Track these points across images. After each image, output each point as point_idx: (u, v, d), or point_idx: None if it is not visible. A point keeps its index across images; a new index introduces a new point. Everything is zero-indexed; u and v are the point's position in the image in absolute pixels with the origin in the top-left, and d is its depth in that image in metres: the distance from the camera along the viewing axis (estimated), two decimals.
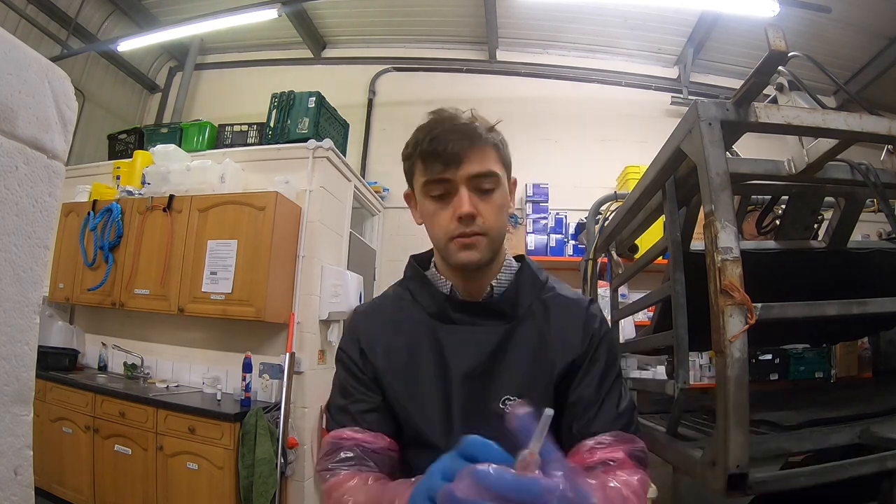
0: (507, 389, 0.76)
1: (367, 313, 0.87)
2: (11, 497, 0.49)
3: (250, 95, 4.39)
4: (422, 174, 0.77)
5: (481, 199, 0.76)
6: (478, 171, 0.75)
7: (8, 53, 0.51)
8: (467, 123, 0.76)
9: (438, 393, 0.77)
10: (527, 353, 0.78)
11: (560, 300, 0.84)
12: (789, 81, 1.19)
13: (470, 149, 0.74)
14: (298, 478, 2.76)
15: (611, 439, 0.73)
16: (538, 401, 0.71)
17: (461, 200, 0.74)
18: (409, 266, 0.90)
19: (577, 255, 3.43)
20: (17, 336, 0.51)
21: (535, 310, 0.82)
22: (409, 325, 0.82)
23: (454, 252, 0.77)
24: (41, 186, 0.54)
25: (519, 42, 4.45)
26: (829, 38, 3.59)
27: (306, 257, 2.99)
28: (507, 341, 0.79)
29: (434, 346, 0.79)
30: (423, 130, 0.77)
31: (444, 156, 0.73)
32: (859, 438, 1.06)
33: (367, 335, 0.83)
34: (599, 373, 0.79)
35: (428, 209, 0.78)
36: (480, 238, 0.76)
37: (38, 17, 3.78)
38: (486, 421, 0.73)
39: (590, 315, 0.83)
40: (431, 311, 0.82)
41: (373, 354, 0.81)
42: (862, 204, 1.45)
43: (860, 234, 2.95)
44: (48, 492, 2.75)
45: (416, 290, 0.85)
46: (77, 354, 3.28)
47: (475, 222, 0.75)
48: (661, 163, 1.26)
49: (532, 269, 0.87)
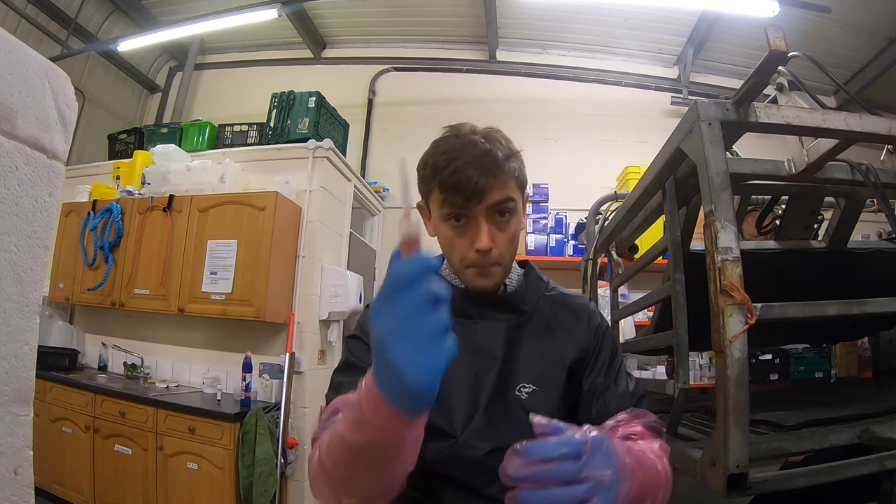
0: (523, 377, 0.80)
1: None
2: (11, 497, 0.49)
3: (250, 95, 4.39)
4: (440, 202, 0.79)
5: (498, 228, 0.78)
6: (497, 200, 0.76)
7: (8, 53, 0.51)
8: (488, 152, 0.76)
9: (464, 382, 0.79)
10: (538, 343, 0.83)
11: (563, 298, 0.91)
12: (789, 81, 1.19)
13: (493, 184, 0.75)
14: (298, 478, 2.76)
15: (627, 416, 0.79)
16: (551, 387, 0.82)
17: (480, 235, 0.76)
18: None
19: (577, 255, 3.43)
20: (17, 336, 0.51)
21: (541, 305, 0.87)
22: None
23: (469, 278, 0.81)
24: (41, 186, 0.54)
25: (519, 42, 4.45)
26: (829, 38, 3.59)
27: (306, 257, 2.99)
28: (521, 332, 0.83)
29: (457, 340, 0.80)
30: (444, 157, 0.76)
31: (465, 190, 0.74)
32: (859, 438, 1.06)
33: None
34: (606, 361, 0.85)
35: (445, 234, 0.81)
36: (495, 267, 0.80)
37: (38, 17, 3.78)
38: (507, 408, 0.78)
39: (592, 312, 0.90)
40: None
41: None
42: (862, 204, 1.45)
43: (860, 234, 2.95)
44: (48, 492, 2.75)
45: None
46: (77, 354, 3.27)
47: (490, 254, 0.78)
48: (661, 163, 1.26)
49: (536, 271, 0.93)
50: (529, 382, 0.80)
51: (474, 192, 0.74)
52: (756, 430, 1.14)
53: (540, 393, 0.80)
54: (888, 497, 1.03)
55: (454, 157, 0.75)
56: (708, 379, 3.06)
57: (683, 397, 1.16)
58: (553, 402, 0.80)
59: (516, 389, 0.80)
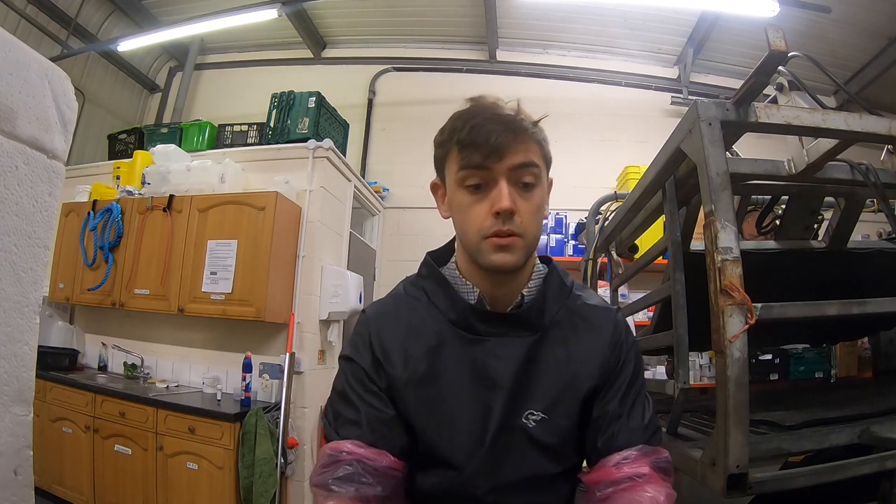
0: (533, 403, 0.74)
1: (380, 315, 0.79)
2: (11, 497, 0.49)
3: (250, 95, 4.39)
4: (457, 162, 0.71)
5: (521, 195, 0.70)
6: (521, 162, 0.69)
7: (8, 53, 0.51)
8: (511, 115, 0.71)
9: (471, 409, 0.73)
10: (553, 366, 0.75)
11: (587, 310, 0.81)
12: (789, 81, 1.19)
13: (514, 141, 0.69)
14: (298, 478, 2.76)
15: (636, 454, 0.73)
16: (562, 416, 0.74)
17: (500, 194, 0.68)
18: (425, 264, 0.83)
19: (577, 255, 3.42)
20: (17, 336, 0.51)
21: (560, 318, 0.78)
22: (427, 332, 0.76)
23: (487, 252, 0.71)
24: (41, 186, 0.54)
25: (519, 42, 4.45)
26: (829, 38, 3.59)
27: (306, 257, 2.99)
28: (535, 353, 0.75)
29: (462, 359, 0.74)
30: (462, 118, 0.72)
31: (485, 146, 0.68)
32: (859, 438, 1.06)
33: (382, 341, 0.76)
34: (625, 385, 0.77)
35: (461, 201, 0.72)
36: (517, 240, 0.70)
37: (38, 17, 3.78)
38: (512, 436, 0.73)
39: (617, 327, 0.81)
40: (452, 318, 0.76)
41: (389, 362, 0.74)
42: (862, 204, 1.45)
43: (860, 234, 2.95)
44: (48, 492, 2.75)
45: (434, 292, 0.79)
46: (77, 354, 3.27)
47: (513, 220, 0.69)
48: (661, 163, 1.26)
49: (559, 274, 0.82)
50: (539, 410, 0.73)
51: (494, 147, 0.68)
52: (756, 430, 1.14)
53: (549, 422, 0.74)
54: (888, 497, 1.02)
55: (473, 116, 0.70)
56: (708, 379, 3.06)
57: (683, 397, 1.16)
58: (563, 433, 0.75)
59: (524, 416, 0.73)
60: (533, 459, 0.74)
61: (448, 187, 0.75)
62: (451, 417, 0.73)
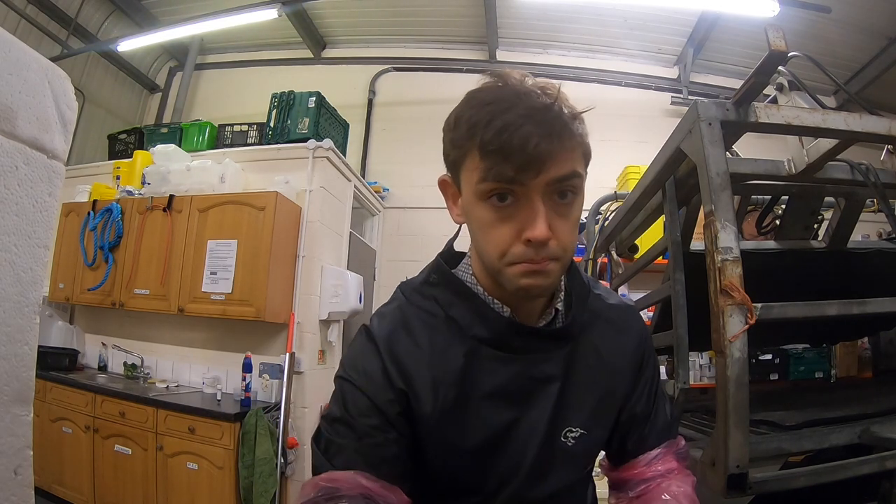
0: (571, 421, 0.67)
1: (393, 337, 0.65)
2: (11, 497, 0.49)
3: (250, 95, 4.39)
4: (478, 171, 0.56)
5: (558, 213, 0.56)
6: (563, 175, 0.55)
7: (8, 53, 0.51)
8: (549, 106, 0.54)
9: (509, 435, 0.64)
10: (588, 378, 0.68)
11: (610, 311, 0.74)
12: (789, 81, 1.19)
13: (558, 149, 0.54)
14: (298, 478, 2.76)
15: (664, 450, 0.75)
16: (601, 428, 0.72)
17: (535, 219, 0.54)
18: (436, 270, 0.69)
19: (577, 255, 3.42)
20: (17, 336, 0.51)
21: (586, 323, 0.70)
22: (455, 352, 0.64)
23: (513, 277, 0.58)
24: (41, 186, 0.54)
25: (519, 42, 4.45)
26: (829, 38, 3.59)
27: (306, 257, 2.99)
28: (570, 368, 0.67)
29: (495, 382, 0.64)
30: (487, 109, 0.54)
31: (520, 156, 0.52)
32: (859, 438, 1.06)
33: (401, 363, 0.63)
34: (648, 384, 0.77)
35: (481, 216, 0.58)
36: (551, 264, 0.57)
37: (38, 17, 3.78)
38: (551, 457, 0.67)
39: (641, 327, 0.78)
40: (482, 336, 0.64)
41: (415, 397, 0.62)
42: (862, 204, 1.45)
43: (860, 234, 2.95)
44: (48, 492, 2.75)
45: (451, 304, 0.66)
46: (77, 354, 3.27)
47: (547, 247, 0.56)
48: (661, 163, 1.26)
49: (580, 275, 0.73)
50: (578, 426, 0.67)
51: (532, 159, 0.52)
52: (756, 430, 1.14)
53: (588, 437, 0.68)
54: (888, 497, 1.02)
55: (504, 110, 0.53)
56: (708, 379, 3.06)
57: (683, 397, 1.16)
58: (599, 444, 0.73)
59: (562, 435, 0.67)
60: (566, 474, 0.71)
61: (464, 194, 0.61)
62: (484, 446, 0.64)
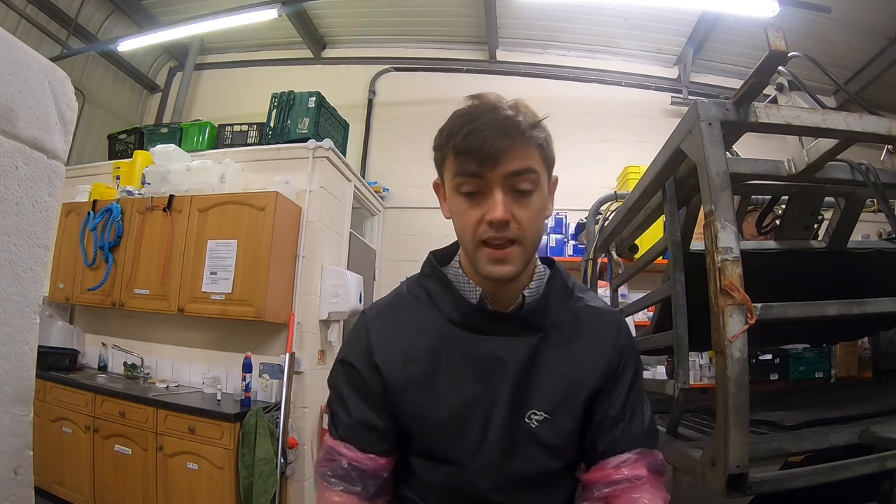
0: (536, 403, 0.75)
1: (380, 317, 0.80)
2: (11, 497, 0.49)
3: (250, 95, 4.39)
4: (453, 169, 0.71)
5: (517, 201, 0.69)
6: (515, 169, 0.68)
7: (8, 53, 0.51)
8: (510, 117, 0.69)
9: (473, 408, 0.74)
10: (556, 367, 0.76)
11: (589, 312, 0.81)
12: (789, 81, 1.19)
13: (510, 147, 0.67)
14: (298, 478, 2.76)
15: (635, 457, 0.75)
16: (565, 417, 0.76)
17: (494, 204, 0.68)
18: (427, 263, 0.83)
19: (577, 255, 3.42)
20: (17, 336, 0.51)
21: (562, 321, 0.79)
22: (429, 333, 0.77)
23: (483, 262, 0.71)
24: (41, 186, 0.54)
25: (519, 42, 4.45)
26: (829, 38, 3.59)
27: (306, 257, 2.99)
28: (537, 354, 0.76)
29: (463, 358, 0.75)
30: (460, 120, 0.70)
31: (479, 154, 0.66)
32: (859, 438, 1.06)
33: (383, 344, 0.77)
34: (626, 389, 0.78)
35: (457, 207, 0.72)
36: (513, 248, 0.70)
37: (38, 17, 3.78)
38: (516, 436, 0.74)
39: (620, 331, 0.82)
40: (454, 318, 0.76)
41: (388, 367, 0.76)
42: (862, 204, 1.45)
43: (860, 234, 2.95)
44: (48, 492, 2.75)
45: (436, 292, 0.79)
46: (77, 354, 3.27)
47: (508, 228, 0.69)
48: (661, 163, 1.26)
49: (562, 276, 0.83)
50: (542, 410, 0.74)
51: (488, 155, 0.66)
52: (756, 430, 1.14)
53: (552, 422, 0.75)
54: (888, 497, 1.02)
55: (471, 120, 0.68)
56: (708, 379, 3.06)
57: (683, 397, 1.16)
58: (565, 433, 0.76)
59: (527, 416, 0.74)
60: (538, 458, 0.75)
61: (447, 191, 0.75)
62: (451, 417, 0.74)
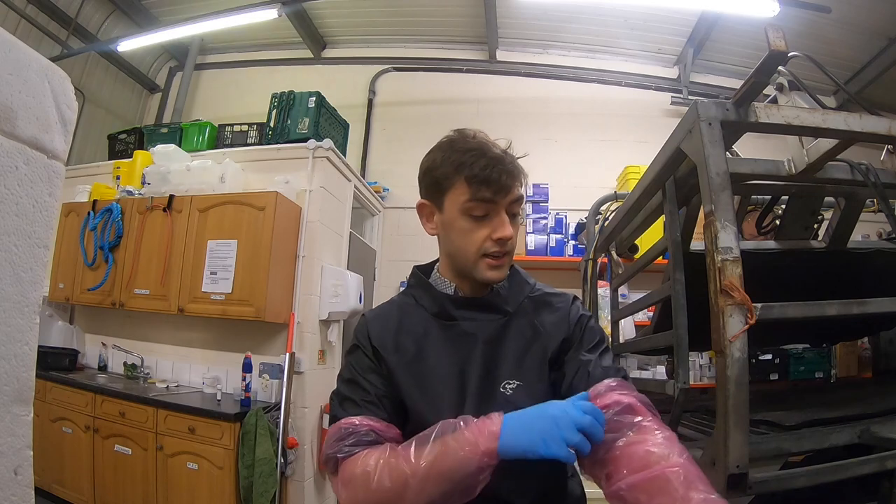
0: (507, 374, 0.85)
1: (377, 317, 0.95)
2: (11, 497, 0.49)
3: (250, 95, 4.39)
4: (465, 194, 0.83)
5: (511, 223, 0.86)
6: (517, 197, 0.85)
7: (8, 53, 0.50)
8: (509, 155, 0.85)
9: (451, 382, 0.84)
10: (522, 342, 0.87)
11: (546, 297, 0.95)
12: (789, 81, 1.19)
13: (515, 180, 0.84)
14: (298, 478, 2.76)
15: (618, 383, 0.80)
16: (534, 380, 0.86)
17: (504, 225, 0.83)
18: (412, 275, 0.99)
19: (577, 255, 3.43)
20: (17, 336, 0.51)
21: (526, 306, 0.92)
22: (414, 325, 0.90)
23: (484, 269, 0.86)
24: (41, 186, 0.54)
25: (519, 42, 4.45)
26: (829, 38, 3.59)
27: (306, 257, 2.99)
28: (504, 331, 0.88)
29: (443, 341, 0.88)
30: (468, 154, 0.83)
31: (496, 184, 0.81)
32: (859, 438, 1.06)
33: (378, 334, 0.90)
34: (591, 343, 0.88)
35: (463, 226, 0.85)
36: (506, 258, 0.87)
37: (38, 17, 3.78)
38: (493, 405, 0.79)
39: (572, 306, 0.94)
40: (434, 311, 0.90)
41: (385, 349, 0.88)
42: (862, 204, 1.45)
43: (860, 234, 2.95)
44: (48, 492, 2.75)
45: (420, 295, 0.94)
46: (77, 354, 3.27)
47: (508, 244, 0.85)
48: (661, 163, 1.26)
49: (521, 273, 0.98)
50: (513, 378, 0.84)
51: (503, 186, 0.82)
52: (756, 430, 1.14)
53: (524, 387, 0.84)
54: (888, 497, 1.03)
55: (482, 154, 0.82)
56: (708, 379, 3.06)
57: (683, 397, 1.16)
58: (538, 395, 0.83)
59: (501, 386, 0.84)
60: None
61: (447, 211, 0.87)
62: (435, 391, 0.84)
